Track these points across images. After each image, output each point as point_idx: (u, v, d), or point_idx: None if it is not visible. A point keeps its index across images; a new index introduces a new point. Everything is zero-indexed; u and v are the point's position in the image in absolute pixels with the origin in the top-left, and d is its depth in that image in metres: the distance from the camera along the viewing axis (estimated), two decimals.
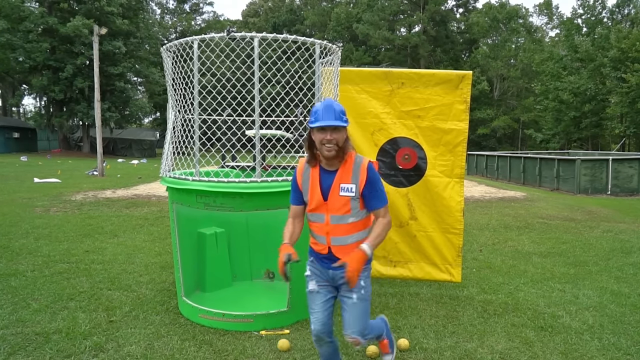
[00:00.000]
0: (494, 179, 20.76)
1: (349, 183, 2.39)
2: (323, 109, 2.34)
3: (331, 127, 2.31)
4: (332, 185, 2.40)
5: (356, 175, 2.39)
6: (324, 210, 2.43)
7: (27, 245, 6.27)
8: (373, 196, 2.41)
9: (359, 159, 2.43)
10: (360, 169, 2.40)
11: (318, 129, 2.33)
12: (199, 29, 57.08)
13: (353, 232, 2.45)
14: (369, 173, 2.40)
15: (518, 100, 46.96)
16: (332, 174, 2.42)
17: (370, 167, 2.42)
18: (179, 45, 3.64)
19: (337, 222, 2.42)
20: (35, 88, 37.07)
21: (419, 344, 3.49)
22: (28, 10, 33.44)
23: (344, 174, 2.40)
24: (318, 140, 2.34)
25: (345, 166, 2.41)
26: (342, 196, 2.39)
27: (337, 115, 2.33)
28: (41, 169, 21.28)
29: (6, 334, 3.48)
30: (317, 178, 2.45)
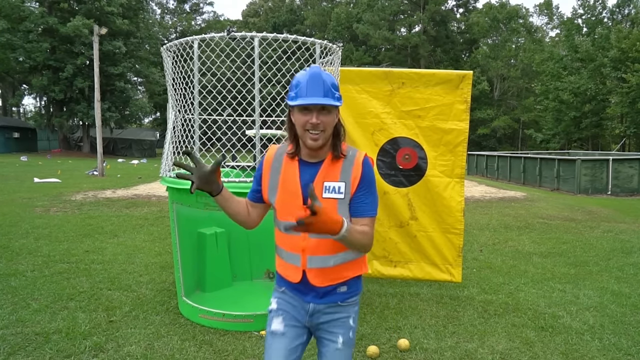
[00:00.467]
0: (494, 179, 20.76)
1: (336, 181, 1.74)
2: (308, 80, 1.69)
3: (318, 106, 1.67)
4: (313, 183, 1.73)
5: (347, 171, 1.75)
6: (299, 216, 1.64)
7: (27, 245, 6.26)
8: (365, 200, 1.75)
9: (352, 151, 1.80)
10: (354, 163, 1.76)
11: (300, 109, 1.69)
12: (199, 29, 57.09)
13: (338, 251, 1.77)
14: (364, 169, 1.76)
15: (518, 100, 46.98)
16: (314, 168, 1.76)
17: (367, 162, 1.79)
18: (179, 45, 3.64)
19: (320, 236, 1.69)
20: (36, 88, 37.08)
21: (420, 344, 3.49)
22: (28, 10, 33.45)
23: (330, 169, 1.75)
24: (300, 124, 1.70)
25: (333, 158, 1.77)
26: (326, 198, 1.72)
27: (327, 90, 1.69)
28: (41, 169, 21.28)
29: (6, 334, 3.48)
30: (294, 172, 1.78)
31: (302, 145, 1.75)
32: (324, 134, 1.70)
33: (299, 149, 1.78)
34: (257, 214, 1.92)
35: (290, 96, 1.73)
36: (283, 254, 1.85)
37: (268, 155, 1.87)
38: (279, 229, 1.83)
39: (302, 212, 1.51)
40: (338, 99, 1.73)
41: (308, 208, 1.46)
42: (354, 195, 1.75)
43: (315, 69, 1.73)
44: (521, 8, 48.08)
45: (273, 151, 1.87)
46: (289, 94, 1.74)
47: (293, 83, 1.74)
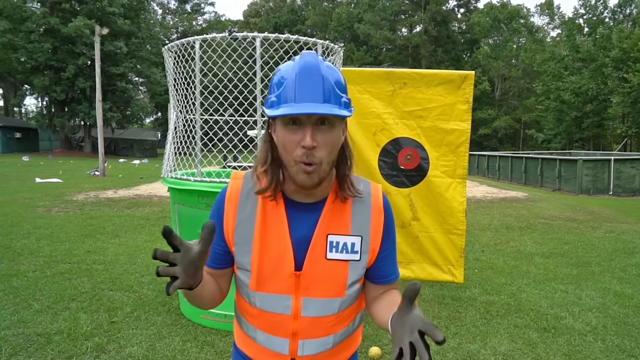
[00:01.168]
0: (495, 179, 20.74)
1: (346, 234, 1.15)
2: (298, 76, 1.05)
3: (314, 118, 1.04)
4: (312, 238, 1.14)
5: (362, 218, 1.17)
6: (290, 288, 1.16)
7: (28, 246, 6.27)
8: (392, 258, 1.25)
9: (364, 186, 1.21)
10: (372, 206, 1.19)
11: (284, 122, 1.06)
12: (200, 29, 57.15)
13: (338, 329, 1.21)
14: (387, 214, 1.21)
15: (519, 100, 46.95)
16: (311, 212, 1.16)
17: (388, 203, 1.23)
18: (181, 45, 3.63)
19: (317, 314, 1.17)
20: (37, 88, 37.14)
21: None
22: (30, 10, 33.52)
23: (335, 214, 1.16)
24: (285, 147, 1.08)
25: (337, 197, 1.17)
26: (332, 260, 1.15)
27: (329, 91, 1.05)
28: (43, 169, 21.30)
29: (8, 334, 3.47)
30: (279, 219, 1.16)
31: (288, 178, 1.14)
32: (323, 163, 1.07)
33: (281, 182, 1.15)
34: (226, 282, 1.24)
35: (268, 101, 1.09)
36: (259, 337, 1.21)
37: (232, 190, 1.18)
38: (251, 303, 1.19)
39: (292, 282, 1.13)
40: (347, 106, 1.08)
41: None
42: (378, 256, 1.20)
43: (310, 58, 1.06)
44: (522, 8, 48.09)
45: (239, 183, 1.19)
46: (267, 98, 1.10)
47: (274, 81, 1.10)
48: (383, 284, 1.23)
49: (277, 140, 1.10)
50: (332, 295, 1.17)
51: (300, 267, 1.14)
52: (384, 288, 1.24)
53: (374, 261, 1.20)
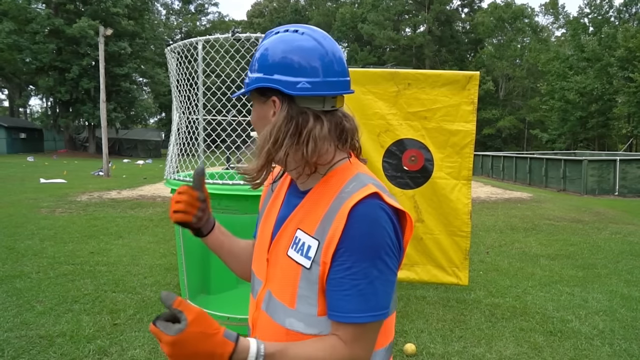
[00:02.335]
0: (499, 179, 20.65)
1: (310, 233, 0.98)
2: (335, 53, 1.01)
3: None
4: (284, 223, 1.05)
5: (328, 221, 0.95)
6: (263, 273, 1.08)
7: (32, 247, 6.27)
8: (344, 287, 0.91)
9: (352, 188, 0.96)
10: (340, 210, 0.94)
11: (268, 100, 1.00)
12: (204, 29, 57.27)
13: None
14: (349, 226, 0.92)
15: (524, 100, 46.77)
16: (298, 198, 1.06)
17: (361, 215, 0.92)
18: (184, 46, 3.61)
19: (271, 315, 1.02)
20: (42, 89, 37.33)
21: (426, 348, 3.44)
22: (35, 12, 33.70)
23: (312, 208, 1.01)
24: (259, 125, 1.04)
25: (325, 189, 1.01)
26: (289, 258, 1.00)
27: (254, 64, 1.04)
28: (47, 169, 21.37)
29: (10, 337, 3.46)
30: (279, 202, 1.13)
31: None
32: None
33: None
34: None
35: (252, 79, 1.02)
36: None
37: (272, 174, 1.18)
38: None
39: (265, 265, 1.06)
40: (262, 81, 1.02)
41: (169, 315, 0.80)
42: (330, 269, 0.93)
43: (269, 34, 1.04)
44: (527, 7, 47.91)
45: (277, 169, 1.17)
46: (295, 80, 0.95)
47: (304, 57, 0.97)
48: (329, 316, 0.94)
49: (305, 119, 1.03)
50: (283, 300, 0.99)
51: (269, 247, 1.08)
52: (331, 327, 0.94)
53: (327, 276, 0.93)
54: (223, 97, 3.69)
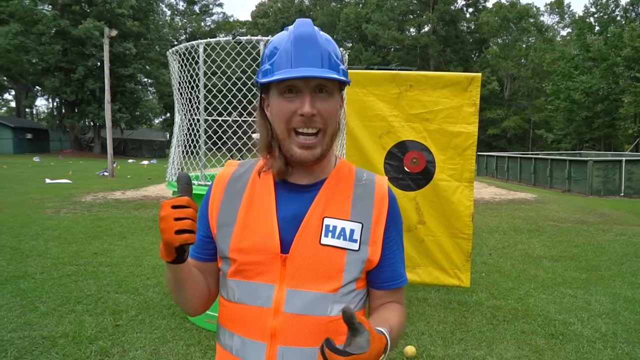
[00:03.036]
0: (504, 180, 20.58)
1: (345, 218, 1.03)
2: (295, 43, 0.98)
3: (313, 83, 0.98)
4: (305, 216, 1.03)
5: (366, 204, 1.05)
6: (275, 275, 1.01)
7: (37, 247, 6.31)
8: (399, 257, 1.10)
9: (368, 175, 1.12)
10: (376, 193, 1.07)
11: (279, 91, 1.00)
12: (208, 30, 57.39)
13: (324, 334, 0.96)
14: (391, 206, 1.08)
15: (529, 100, 46.59)
16: (305, 193, 1.06)
17: (393, 196, 1.11)
18: (185, 49, 3.63)
19: (303, 310, 1.00)
20: (48, 89, 37.55)
21: (427, 351, 3.44)
22: (41, 13, 33.91)
23: (334, 196, 1.05)
24: (280, 117, 1.00)
25: (339, 178, 1.08)
26: (326, 246, 1.01)
27: (326, 57, 0.99)
28: (53, 169, 21.49)
29: (14, 337, 3.49)
30: (267, 196, 1.06)
31: (282, 158, 1.03)
32: (324, 133, 1.01)
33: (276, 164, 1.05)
34: (214, 281, 1.13)
35: (261, 71, 1.02)
36: (235, 343, 1.04)
37: (223, 174, 1.12)
38: (229, 297, 1.05)
39: (278, 268, 1.00)
40: (345, 75, 1.02)
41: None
42: (382, 253, 1.05)
43: (306, 26, 1.00)
44: (532, 7, 47.73)
45: (232, 168, 1.13)
46: (260, 69, 1.03)
47: (266, 52, 1.03)
48: (386, 289, 1.07)
49: (272, 112, 1.02)
50: (324, 289, 0.99)
51: (287, 249, 1.00)
52: (386, 296, 1.08)
53: (378, 259, 1.04)
54: (224, 99, 3.70)
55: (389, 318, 1.03)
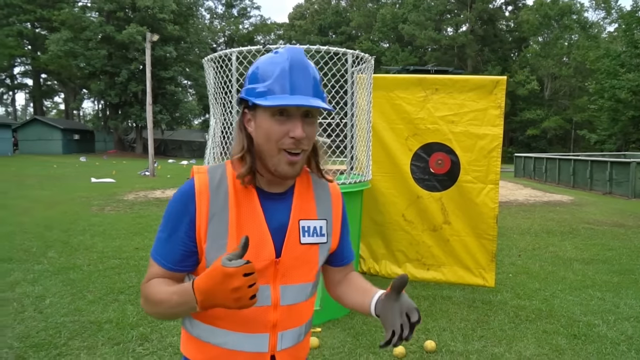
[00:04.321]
0: (542, 181, 20.10)
1: (314, 218, 1.23)
2: (291, 69, 1.09)
3: (302, 110, 1.10)
4: (289, 224, 1.19)
5: (325, 203, 1.27)
6: (269, 277, 1.17)
7: (84, 242, 6.77)
8: (347, 242, 1.37)
9: (315, 177, 1.29)
10: (332, 193, 1.30)
11: (272, 113, 1.09)
12: (246, 32, 58.43)
13: (307, 317, 1.28)
14: (343, 200, 1.34)
15: (571, 99, 45.06)
16: (282, 202, 1.20)
17: (340, 190, 1.37)
18: (219, 57, 3.89)
19: (294, 301, 1.21)
20: (94, 92, 39.35)
21: (446, 346, 3.56)
22: (88, 20, 35.68)
23: (303, 202, 1.23)
24: (272, 137, 1.10)
25: (302, 183, 1.26)
26: (305, 245, 1.20)
27: (316, 85, 1.13)
28: (98, 169, 22.56)
29: (66, 321, 3.84)
30: (254, 208, 1.17)
31: (262, 170, 1.16)
32: (305, 152, 1.14)
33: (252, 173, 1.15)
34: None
35: (254, 91, 1.10)
36: (231, 340, 1.16)
37: (201, 184, 1.14)
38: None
39: (272, 270, 1.15)
40: (325, 101, 1.17)
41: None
42: (340, 240, 1.31)
43: (300, 54, 1.11)
44: (575, 3, 46.11)
45: (205, 177, 1.15)
46: (252, 88, 1.11)
47: (259, 71, 1.12)
48: (343, 265, 1.36)
49: (259, 130, 1.11)
50: (305, 279, 1.22)
51: (279, 254, 1.16)
52: (344, 270, 1.36)
53: (336, 245, 1.30)
54: None
55: (364, 283, 1.33)
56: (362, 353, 3.42)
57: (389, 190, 4.97)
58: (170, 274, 1.15)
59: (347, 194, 3.96)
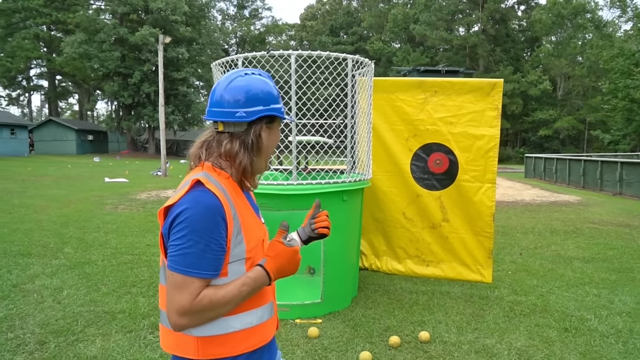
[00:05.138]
0: (552, 182, 20.06)
1: (256, 204, 1.59)
2: (276, 90, 1.44)
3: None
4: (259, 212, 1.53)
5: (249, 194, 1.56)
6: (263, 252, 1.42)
7: (98, 239, 7.05)
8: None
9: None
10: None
11: (277, 126, 1.44)
12: (257, 33, 58.86)
13: None
14: None
15: (584, 99, 44.64)
16: (247, 194, 1.48)
17: None
18: (226, 62, 4.10)
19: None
20: (107, 93, 39.99)
21: (440, 337, 3.73)
22: (102, 22, 36.28)
23: (250, 192, 1.53)
24: (273, 144, 1.44)
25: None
26: (264, 223, 1.54)
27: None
28: (111, 169, 23.01)
29: (82, 310, 4.09)
30: (249, 207, 1.43)
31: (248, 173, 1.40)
32: None
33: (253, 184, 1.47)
34: None
35: (280, 109, 1.42)
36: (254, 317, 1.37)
37: (219, 194, 1.28)
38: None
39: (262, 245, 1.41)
40: None
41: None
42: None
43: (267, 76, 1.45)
44: (589, 1, 45.63)
45: (216, 188, 1.30)
46: (274, 105, 1.39)
47: (265, 89, 1.39)
48: None
49: (270, 141, 1.41)
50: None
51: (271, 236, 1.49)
52: None
53: None
54: None
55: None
56: (359, 342, 3.61)
57: (390, 189, 5.15)
58: (209, 282, 1.26)
59: (349, 192, 4.17)
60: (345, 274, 4.38)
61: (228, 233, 1.27)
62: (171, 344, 1.35)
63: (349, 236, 4.34)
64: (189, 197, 1.27)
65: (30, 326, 3.75)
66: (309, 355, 3.40)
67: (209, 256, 1.23)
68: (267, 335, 1.42)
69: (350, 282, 4.51)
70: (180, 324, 1.23)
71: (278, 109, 1.40)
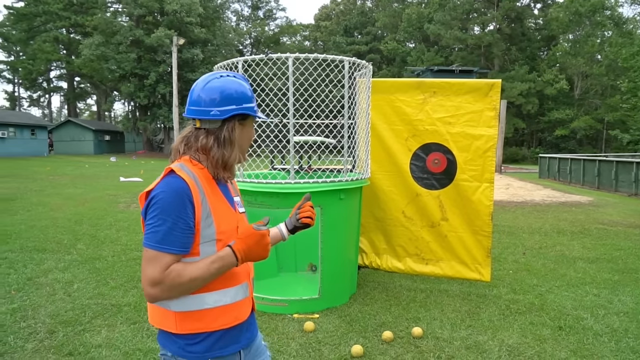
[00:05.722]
0: (566, 182, 19.83)
1: (238, 195, 1.70)
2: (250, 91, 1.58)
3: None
4: (234, 200, 1.63)
5: (234, 184, 1.72)
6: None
7: (110, 235, 7.27)
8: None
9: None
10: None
11: (250, 123, 1.60)
12: (272, 34, 59.17)
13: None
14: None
15: (602, 98, 43.88)
16: (224, 185, 1.60)
17: None
18: (227, 65, 4.25)
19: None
20: (124, 94, 40.74)
21: (433, 333, 3.81)
22: (119, 24, 36.97)
23: (230, 184, 1.66)
24: (248, 140, 1.60)
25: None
26: (242, 213, 1.66)
27: None
28: (127, 169, 23.45)
29: (90, 303, 4.28)
30: (221, 195, 1.56)
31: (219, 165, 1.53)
32: None
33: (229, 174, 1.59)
34: None
35: (252, 107, 1.55)
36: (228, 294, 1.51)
37: (188, 179, 1.42)
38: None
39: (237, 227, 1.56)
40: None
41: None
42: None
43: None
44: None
45: (185, 174, 1.43)
46: (246, 105, 1.53)
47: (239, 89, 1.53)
48: None
49: (242, 137, 1.55)
50: None
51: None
52: None
53: None
54: (267, 108, 4.28)
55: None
56: (353, 337, 3.71)
57: (390, 188, 5.24)
58: (179, 258, 1.39)
59: (348, 190, 4.28)
60: (342, 271, 4.49)
61: (196, 215, 1.41)
62: (156, 318, 1.51)
63: (347, 234, 4.45)
64: (162, 183, 1.42)
65: (42, 316, 3.95)
66: (302, 348, 3.52)
67: (176, 234, 1.37)
68: (242, 314, 1.55)
69: (348, 279, 4.62)
70: (151, 294, 1.37)
71: (250, 107, 1.53)
